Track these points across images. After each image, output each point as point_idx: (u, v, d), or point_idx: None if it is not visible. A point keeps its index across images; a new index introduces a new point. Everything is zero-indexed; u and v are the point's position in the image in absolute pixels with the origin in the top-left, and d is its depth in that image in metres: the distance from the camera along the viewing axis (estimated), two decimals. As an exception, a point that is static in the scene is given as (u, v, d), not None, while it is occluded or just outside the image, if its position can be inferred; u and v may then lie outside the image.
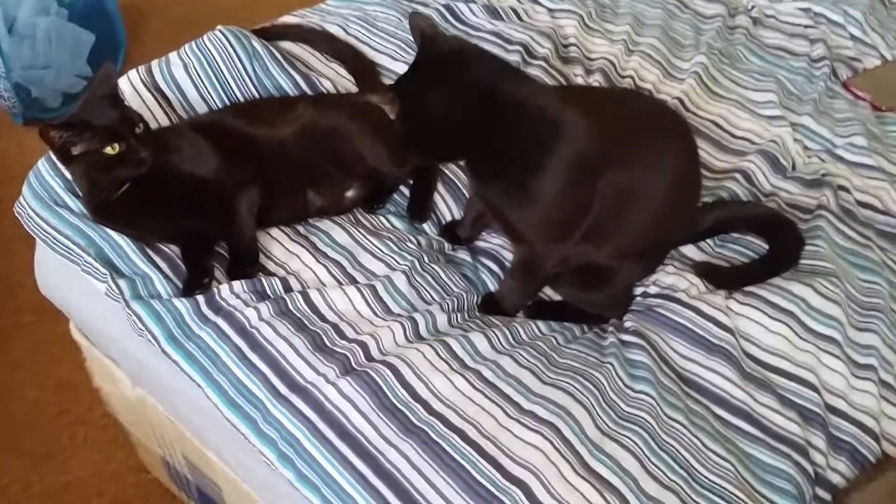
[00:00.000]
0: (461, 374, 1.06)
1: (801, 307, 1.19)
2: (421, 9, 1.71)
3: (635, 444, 1.02)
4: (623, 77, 1.63)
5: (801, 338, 1.17)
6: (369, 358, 1.08)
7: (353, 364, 1.06)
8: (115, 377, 1.39)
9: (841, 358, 1.15)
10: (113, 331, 1.23)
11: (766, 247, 1.30)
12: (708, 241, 1.33)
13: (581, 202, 1.10)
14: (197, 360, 1.08)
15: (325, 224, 1.29)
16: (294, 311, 1.13)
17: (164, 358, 1.10)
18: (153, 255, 1.20)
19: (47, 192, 1.26)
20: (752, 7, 1.87)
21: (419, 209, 1.36)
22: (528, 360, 1.10)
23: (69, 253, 1.21)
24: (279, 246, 1.25)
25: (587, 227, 1.13)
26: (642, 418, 1.05)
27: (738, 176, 1.43)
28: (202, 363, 1.08)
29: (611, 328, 1.22)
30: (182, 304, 1.12)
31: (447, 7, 1.70)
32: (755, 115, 1.57)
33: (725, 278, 1.26)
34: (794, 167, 1.48)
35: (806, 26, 1.81)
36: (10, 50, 2.37)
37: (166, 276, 1.17)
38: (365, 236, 1.27)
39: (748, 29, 1.80)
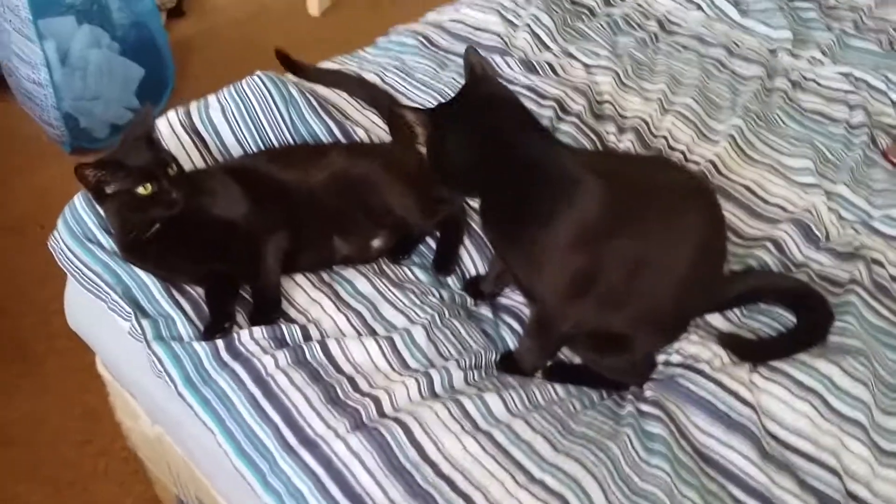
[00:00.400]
0: (473, 437, 1.05)
1: (827, 386, 1.16)
2: (458, 60, 1.73)
3: (647, 521, 1.00)
4: (656, 137, 1.63)
5: (824, 419, 1.14)
6: (381, 413, 1.07)
7: (365, 419, 1.06)
8: (136, 413, 1.40)
9: (865, 443, 1.12)
10: (134, 369, 1.24)
11: (795, 320, 1.28)
12: (735, 310, 1.30)
13: (589, 266, 1.09)
14: (211, 406, 1.08)
15: (350, 272, 1.30)
16: (311, 361, 1.13)
17: (180, 400, 1.11)
18: (178, 296, 1.21)
19: (81, 227, 1.29)
20: (792, 70, 1.85)
21: (444, 262, 1.36)
22: (542, 425, 1.09)
23: (97, 290, 1.23)
24: (302, 293, 1.25)
25: (600, 292, 1.11)
26: (655, 495, 1.03)
27: (768, 244, 1.40)
28: (216, 409, 1.08)
29: (630, 396, 1.20)
30: (201, 348, 1.13)
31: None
32: (790, 181, 1.55)
33: (750, 351, 1.24)
34: (827, 238, 1.45)
35: (846, 91, 1.79)
36: (61, 81, 2.45)
37: (189, 319, 1.18)
38: (388, 287, 1.27)
39: (787, 92, 1.78)
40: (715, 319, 1.28)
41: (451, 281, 1.33)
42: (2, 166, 2.52)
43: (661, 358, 1.24)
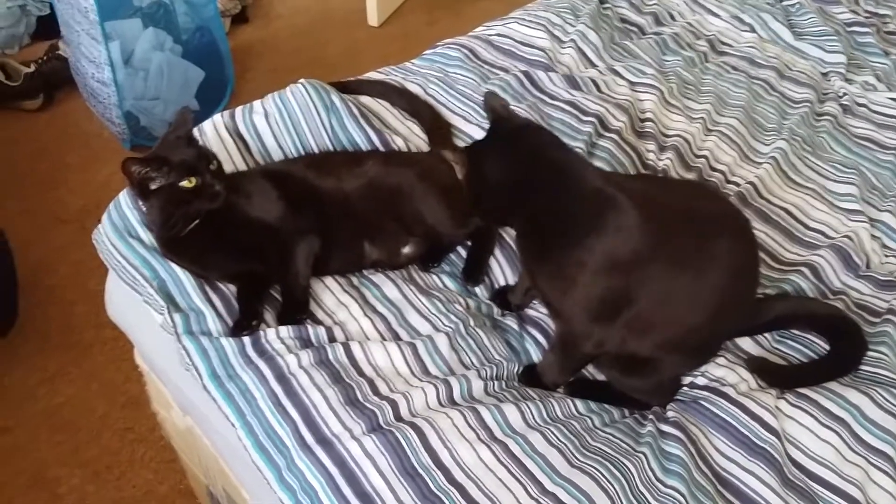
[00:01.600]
0: (487, 446, 1.06)
1: (856, 416, 1.14)
2: (501, 74, 1.75)
3: (657, 541, 0.99)
4: (697, 157, 1.61)
5: (851, 449, 1.11)
6: (398, 417, 1.09)
7: (381, 422, 1.07)
8: (169, 403, 1.44)
9: (892, 476, 1.09)
10: (166, 361, 1.28)
11: (827, 347, 1.25)
12: (766, 335, 1.28)
13: (617, 291, 1.09)
14: (234, 401, 1.11)
15: (378, 277, 1.32)
16: (333, 362, 1.15)
17: (206, 393, 1.14)
18: (210, 292, 1.25)
19: (124, 222, 1.34)
20: (844, 94, 1.82)
21: (473, 272, 1.37)
22: (558, 439, 1.09)
23: (134, 282, 1.27)
24: (330, 295, 1.28)
25: (628, 318, 1.11)
26: (668, 515, 1.02)
27: (805, 270, 1.38)
28: (238, 404, 1.11)
29: (651, 416, 1.19)
30: (229, 344, 1.16)
31: (526, 74, 1.72)
32: (833, 206, 1.52)
33: (779, 377, 1.22)
34: (868, 265, 1.42)
35: (898, 118, 1.74)
36: (124, 80, 2.55)
37: (219, 315, 1.22)
38: (415, 293, 1.29)
39: (836, 117, 1.75)
40: (745, 343, 1.27)
41: (479, 291, 1.35)
42: (64, 161, 2.63)
43: (686, 379, 1.23)
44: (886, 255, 1.44)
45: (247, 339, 1.17)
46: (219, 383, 1.13)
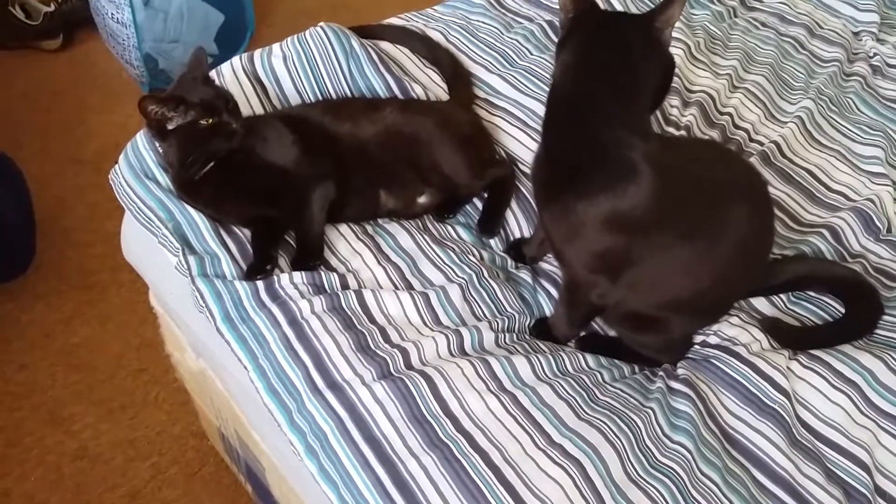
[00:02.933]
0: (496, 396, 1.06)
1: (868, 380, 1.13)
2: (525, 23, 1.71)
3: (661, 496, 1.00)
4: (721, 114, 1.58)
5: (861, 412, 1.11)
6: (408, 366, 1.09)
7: (392, 370, 1.08)
8: (182, 346, 1.46)
9: (901, 439, 1.09)
10: (180, 303, 1.29)
11: (843, 310, 1.24)
12: (781, 295, 1.27)
13: (618, 251, 1.07)
14: (247, 343, 1.12)
15: (393, 226, 1.32)
16: (345, 309, 1.16)
17: (219, 336, 1.15)
18: (225, 236, 1.25)
19: (140, 163, 1.34)
20: (875, 55, 1.77)
21: (489, 224, 1.36)
22: (567, 392, 1.09)
23: (150, 224, 1.28)
24: (345, 243, 1.28)
25: (632, 276, 1.10)
26: (674, 471, 1.02)
27: (825, 232, 1.36)
28: (251, 347, 1.12)
29: (661, 373, 1.19)
30: (242, 287, 1.17)
31: (550, 24, 1.69)
32: (856, 169, 1.50)
33: (792, 338, 1.21)
34: (889, 229, 1.39)
35: (930, 81, 1.70)
36: (143, 22, 2.52)
37: (234, 258, 1.22)
38: (429, 244, 1.29)
39: (865, 78, 1.71)
40: (759, 303, 1.26)
41: (494, 243, 1.34)
42: (83, 102, 2.63)
43: (698, 338, 1.23)
44: (909, 220, 1.42)
45: (260, 284, 1.17)
46: (231, 326, 1.14)
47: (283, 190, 1.27)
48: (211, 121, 1.19)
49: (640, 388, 1.15)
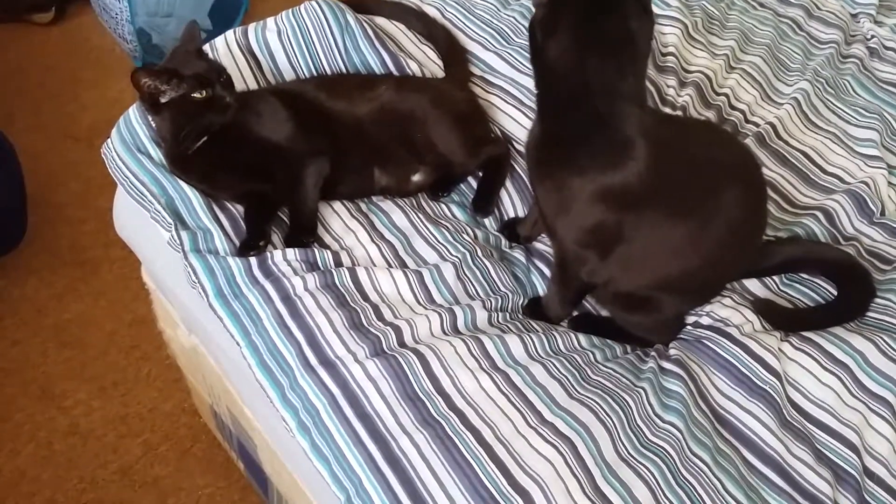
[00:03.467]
0: (489, 374, 1.06)
1: (858, 362, 1.13)
2: (524, 1, 1.70)
3: (652, 475, 1.00)
4: (718, 94, 1.58)
5: (851, 394, 1.11)
6: (401, 343, 1.09)
7: (384, 347, 1.08)
8: (175, 322, 1.45)
9: (891, 422, 1.09)
10: (172, 279, 1.29)
11: (835, 293, 1.24)
12: (774, 277, 1.27)
13: (608, 228, 1.07)
14: (239, 319, 1.12)
15: (387, 204, 1.31)
16: (339, 286, 1.15)
17: (211, 311, 1.15)
18: (218, 211, 1.24)
19: (133, 138, 1.32)
20: (872, 37, 1.76)
21: (483, 203, 1.36)
22: (559, 372, 1.09)
23: (142, 199, 1.27)
24: (338, 220, 1.27)
25: (622, 255, 1.10)
26: (664, 450, 1.03)
27: (819, 214, 1.36)
28: (244, 323, 1.11)
29: (653, 353, 1.19)
30: (235, 263, 1.16)
31: (548, 2, 1.67)
32: (852, 151, 1.49)
33: (784, 319, 1.21)
34: (882, 212, 1.39)
35: (927, 64, 1.70)
36: (136, -5, 2.49)
37: (227, 234, 1.21)
38: (423, 222, 1.28)
39: (862, 60, 1.70)
40: (752, 285, 1.26)
41: (489, 222, 1.34)
42: (76, 76, 2.60)
43: (690, 319, 1.23)
44: (903, 203, 1.42)
45: (253, 260, 1.17)
46: (224, 302, 1.14)
47: (276, 166, 1.26)
48: (204, 94, 1.18)
49: (632, 367, 1.15)
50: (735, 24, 1.75)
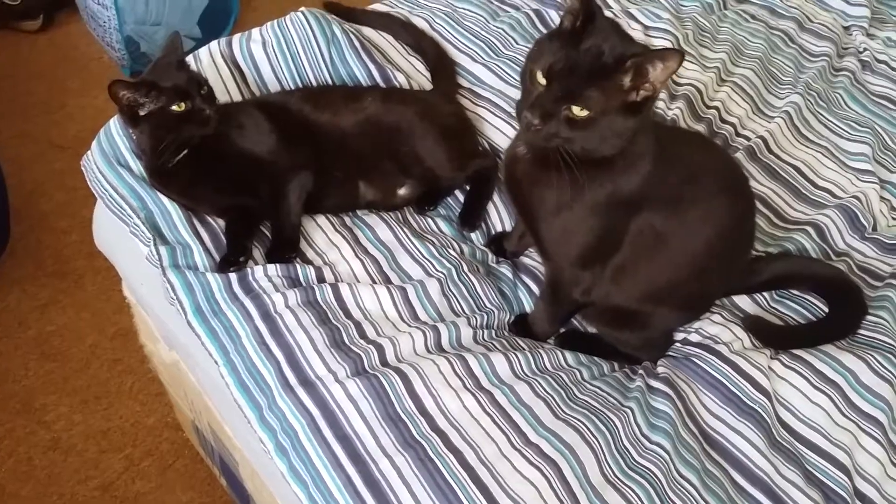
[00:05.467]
0: (473, 394, 1.04)
1: (849, 381, 1.11)
2: (511, 11, 1.69)
3: (638, 497, 0.98)
4: (708, 107, 1.56)
5: (842, 413, 1.09)
6: (384, 362, 1.07)
7: (366, 366, 1.05)
8: (156, 337, 1.43)
9: (882, 443, 1.07)
10: (152, 294, 1.26)
11: (826, 310, 1.22)
12: (764, 294, 1.25)
13: (609, 233, 1.06)
14: (218, 337, 1.09)
15: (372, 218, 1.29)
16: (320, 303, 1.13)
17: (189, 329, 1.12)
18: (199, 226, 1.22)
19: (113, 150, 1.30)
20: (864, 50, 1.75)
21: (470, 217, 1.34)
22: (545, 391, 1.07)
23: (121, 212, 1.24)
24: (322, 234, 1.25)
25: (615, 266, 1.08)
26: (651, 472, 1.01)
27: (810, 229, 1.34)
28: (222, 341, 1.09)
29: (641, 371, 1.17)
30: (214, 279, 1.14)
31: (537, 12, 1.66)
32: (843, 165, 1.48)
33: (774, 337, 1.19)
34: (874, 228, 1.38)
35: (919, 77, 1.68)
36: (125, 4, 2.47)
37: (206, 249, 1.19)
38: (408, 237, 1.26)
39: (854, 73, 1.68)
40: (742, 301, 1.24)
41: (475, 236, 1.32)
42: (63, 85, 2.58)
43: (679, 336, 1.21)
44: (894, 218, 1.40)
45: (233, 276, 1.14)
46: (203, 319, 1.11)
47: (259, 179, 1.24)
48: (183, 106, 1.16)
49: (619, 386, 1.13)
50: (726, 37, 1.73)
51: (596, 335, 1.23)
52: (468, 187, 1.37)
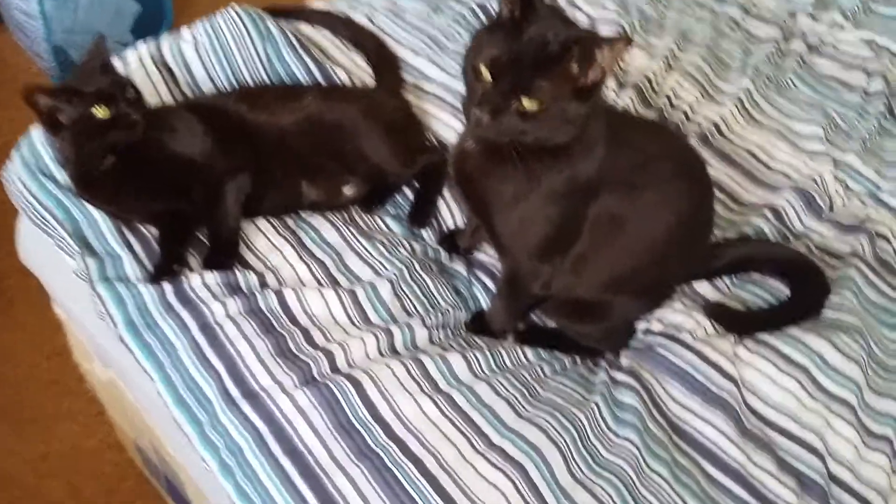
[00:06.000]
0: (431, 398, 0.98)
1: (816, 363, 1.09)
2: (454, 5, 1.64)
3: (609, 496, 0.93)
4: (658, 95, 1.53)
5: (811, 396, 1.06)
6: (334, 369, 1.01)
7: (315, 374, 0.99)
8: (90, 355, 1.34)
9: (853, 424, 1.05)
10: (81, 310, 1.18)
11: (788, 292, 1.20)
12: (725, 279, 1.22)
13: (569, 222, 1.01)
14: (152, 352, 1.02)
15: (316, 220, 1.23)
16: (264, 310, 1.06)
17: (123, 344, 1.05)
18: (129, 235, 1.15)
19: (36, 160, 1.22)
20: (811, 34, 1.74)
21: (420, 214, 1.28)
22: (506, 390, 1.02)
23: (46, 225, 1.16)
24: (263, 238, 1.18)
25: (574, 256, 1.04)
26: (621, 468, 0.96)
27: (767, 213, 1.32)
28: (157, 355, 1.02)
29: (604, 363, 1.13)
30: (147, 291, 1.06)
31: (481, 6, 1.62)
32: (796, 148, 1.46)
33: (738, 322, 1.16)
34: (831, 208, 1.36)
35: (865, 58, 1.67)
36: (52, 12, 2.36)
37: (138, 259, 1.12)
38: (356, 237, 1.20)
39: (802, 56, 1.67)
40: (703, 288, 1.21)
41: (427, 234, 1.26)
42: (-11, 98, 2.45)
43: (641, 325, 1.17)
44: (850, 198, 1.38)
45: (168, 286, 1.07)
46: (135, 333, 1.03)
47: (193, 183, 1.17)
48: (108, 112, 1.08)
49: (582, 381, 1.09)
50: (672, 24, 1.71)
51: (556, 329, 1.18)
52: (417, 184, 1.31)
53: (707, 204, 1.14)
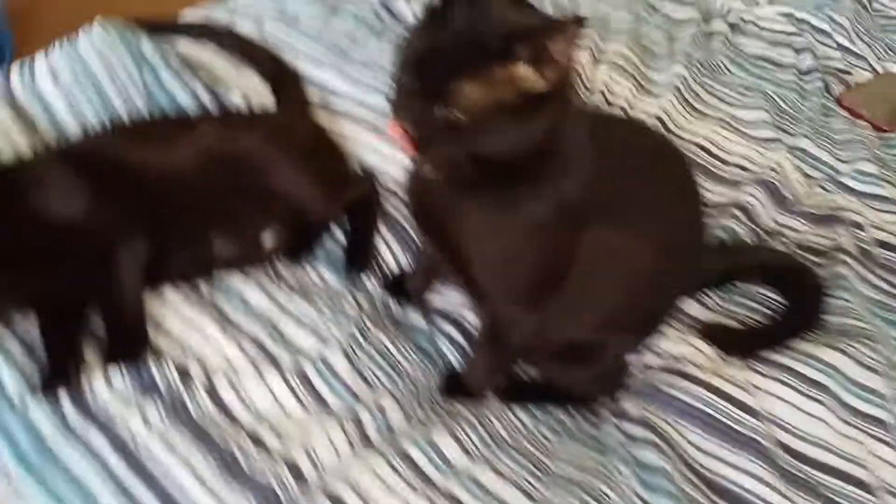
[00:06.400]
0: (427, 498, 0.79)
1: (837, 380, 0.97)
2: (351, 8, 1.43)
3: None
4: (592, 92, 1.39)
5: (841, 419, 0.95)
6: (302, 485, 0.79)
7: (281, 497, 0.77)
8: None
9: (892, 444, 0.93)
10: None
11: (776, 296, 1.08)
12: (711, 295, 1.09)
13: (559, 257, 0.84)
14: (55, 495, 0.76)
15: (236, 281, 1.00)
16: (194, 414, 0.83)
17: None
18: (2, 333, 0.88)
19: None
20: (728, 11, 1.66)
21: (358, 257, 1.08)
22: (512, 470, 0.85)
23: None
24: (175, 314, 0.95)
25: (565, 295, 0.86)
26: (665, 546, 0.81)
27: (735, 211, 1.21)
28: (63, 499, 0.76)
29: (605, 411, 0.97)
30: (40, 411, 0.80)
31: (383, 4, 1.43)
32: (746, 136, 1.36)
33: (737, 342, 1.04)
34: (798, 199, 1.26)
35: (789, 34, 1.61)
36: None
37: (17, 367, 0.85)
38: (289, 297, 0.98)
39: (726, 36, 1.59)
40: (690, 308, 1.08)
41: (371, 284, 1.05)
42: None
43: (633, 360, 1.02)
44: (811, 186, 1.30)
45: (65, 400, 0.82)
46: (32, 472, 0.77)
47: (73, 255, 0.92)
48: None
49: (591, 441, 0.93)
50: (587, 13, 1.56)
51: (539, 381, 1.01)
52: (347, 222, 1.11)
53: (700, 216, 0.99)
